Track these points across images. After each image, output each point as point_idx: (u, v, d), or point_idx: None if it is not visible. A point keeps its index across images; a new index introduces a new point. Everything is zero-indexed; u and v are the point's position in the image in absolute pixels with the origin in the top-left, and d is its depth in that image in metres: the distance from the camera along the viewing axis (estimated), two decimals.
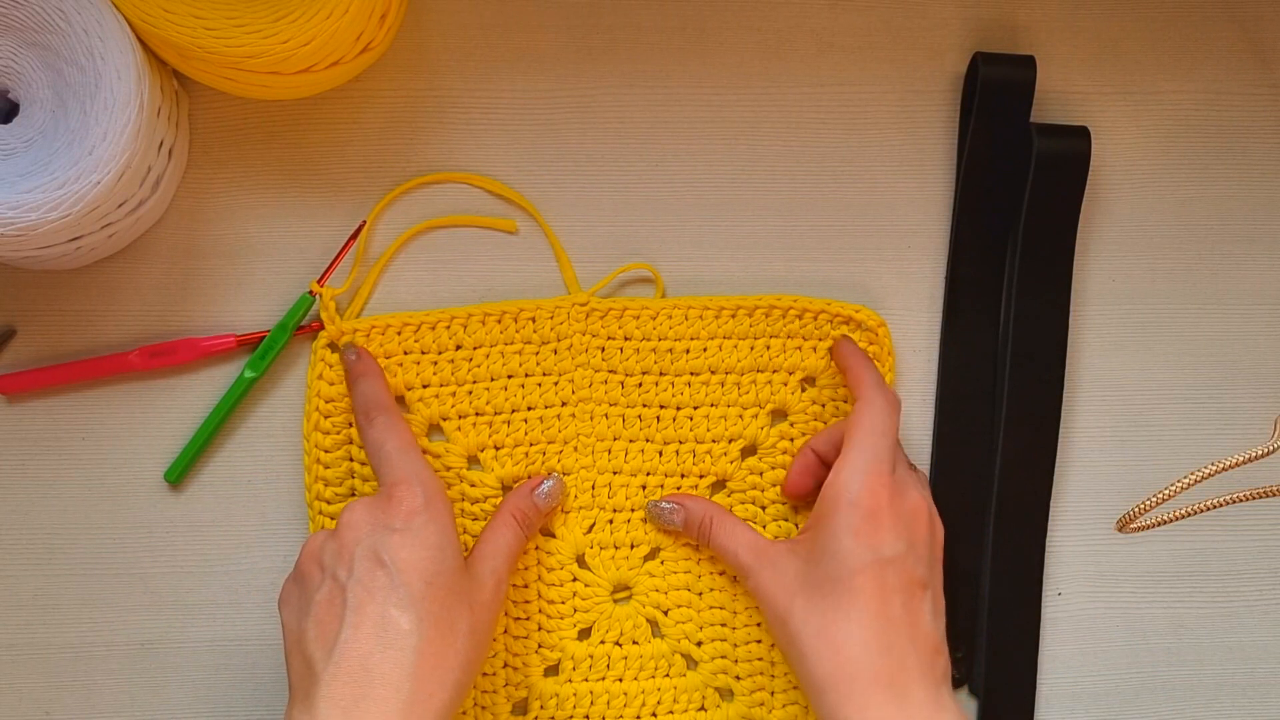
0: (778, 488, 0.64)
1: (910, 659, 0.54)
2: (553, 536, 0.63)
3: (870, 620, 0.54)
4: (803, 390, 0.64)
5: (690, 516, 0.62)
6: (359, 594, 0.53)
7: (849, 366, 0.62)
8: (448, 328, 0.64)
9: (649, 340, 0.64)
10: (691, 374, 0.64)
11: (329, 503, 0.62)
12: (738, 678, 0.62)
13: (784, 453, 0.64)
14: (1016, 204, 0.65)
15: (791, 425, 0.64)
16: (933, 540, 0.58)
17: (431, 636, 0.53)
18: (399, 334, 0.63)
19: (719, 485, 0.64)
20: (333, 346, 0.63)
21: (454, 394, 0.63)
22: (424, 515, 0.55)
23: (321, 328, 0.63)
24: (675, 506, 0.62)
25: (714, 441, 0.64)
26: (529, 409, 0.63)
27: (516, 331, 0.64)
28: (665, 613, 0.63)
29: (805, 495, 0.62)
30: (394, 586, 0.53)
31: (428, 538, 0.54)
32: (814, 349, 0.64)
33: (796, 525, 0.63)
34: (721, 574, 0.63)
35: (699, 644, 0.63)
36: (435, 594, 0.54)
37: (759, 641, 0.63)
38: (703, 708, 0.62)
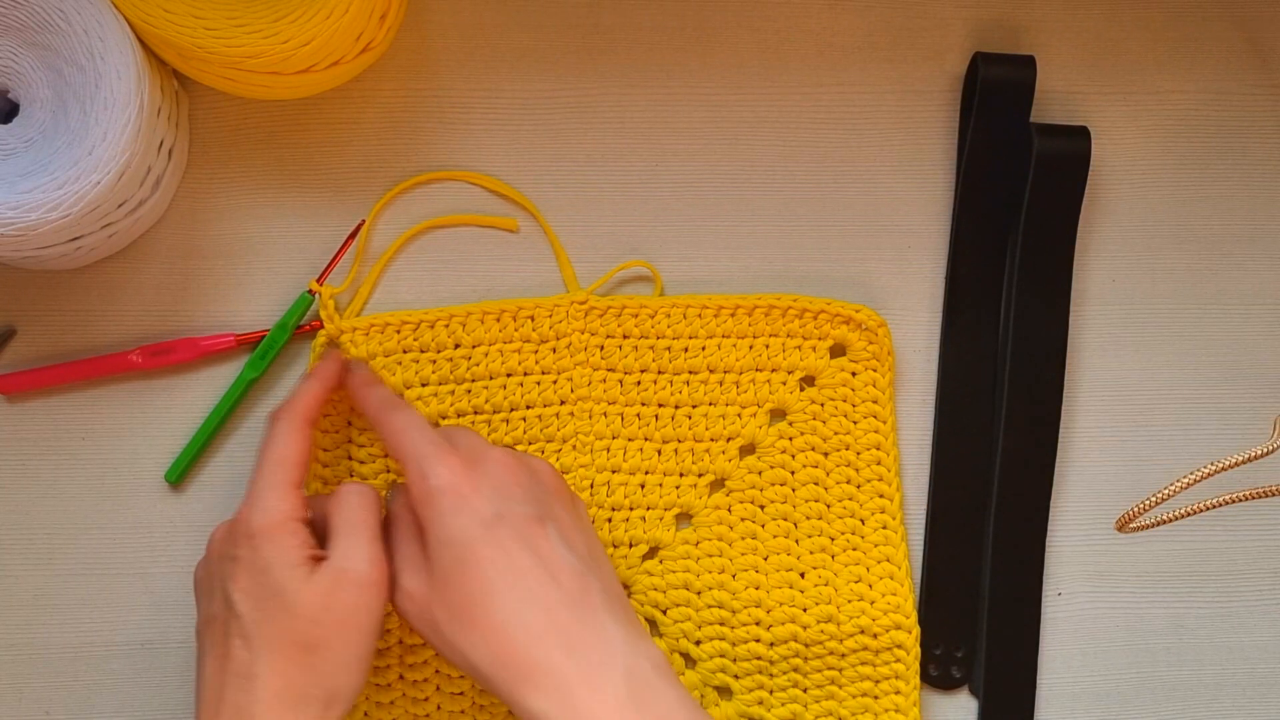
0: (776, 487, 0.63)
1: (555, 598, 0.52)
2: None
3: (505, 586, 0.52)
4: (802, 390, 0.64)
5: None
6: None
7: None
8: (447, 326, 0.64)
9: (648, 339, 0.64)
10: (690, 373, 0.64)
11: None
12: (736, 676, 0.62)
13: (783, 452, 0.64)
14: (1016, 204, 0.64)
15: (790, 424, 0.64)
16: (532, 481, 0.55)
17: None
18: (399, 333, 0.63)
19: (718, 484, 0.64)
20: (333, 345, 0.63)
21: (453, 392, 0.63)
22: None
23: (321, 327, 0.63)
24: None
25: (713, 440, 0.64)
26: (528, 407, 0.63)
27: (516, 330, 0.64)
28: (664, 611, 0.63)
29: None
30: None
31: None
32: (814, 349, 0.64)
33: (795, 524, 0.63)
34: (721, 573, 0.63)
35: (697, 643, 0.62)
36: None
37: (757, 640, 0.62)
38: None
